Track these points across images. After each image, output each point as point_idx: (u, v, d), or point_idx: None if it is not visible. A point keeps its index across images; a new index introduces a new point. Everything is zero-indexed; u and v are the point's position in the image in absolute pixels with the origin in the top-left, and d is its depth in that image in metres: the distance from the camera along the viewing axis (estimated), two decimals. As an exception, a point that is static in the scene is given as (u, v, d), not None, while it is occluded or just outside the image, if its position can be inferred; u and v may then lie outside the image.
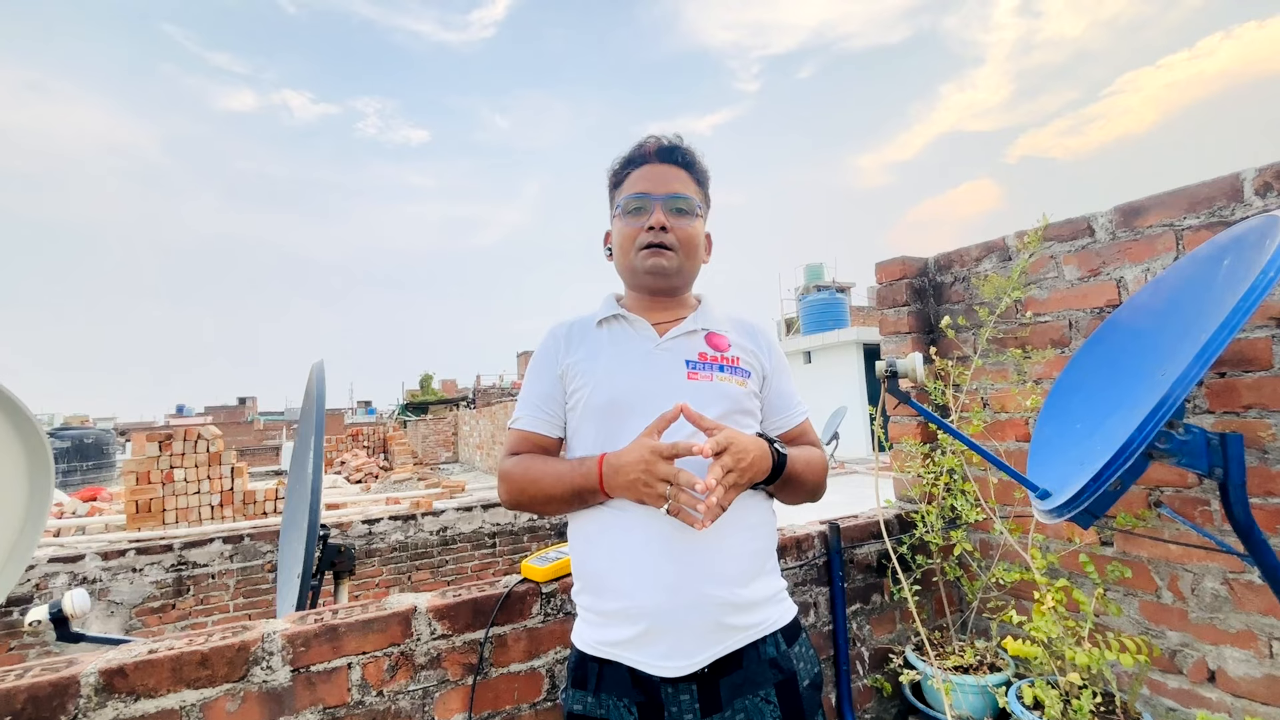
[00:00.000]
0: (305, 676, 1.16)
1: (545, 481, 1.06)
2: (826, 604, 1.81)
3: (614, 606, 1.01)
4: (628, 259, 1.15)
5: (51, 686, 1.01)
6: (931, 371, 2.03)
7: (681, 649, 0.97)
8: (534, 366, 1.18)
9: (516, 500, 1.09)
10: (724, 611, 0.99)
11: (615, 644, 1.00)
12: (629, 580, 1.00)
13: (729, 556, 1.01)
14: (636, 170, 1.16)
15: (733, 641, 0.99)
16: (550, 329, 1.20)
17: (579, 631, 1.08)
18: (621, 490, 0.97)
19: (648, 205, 1.12)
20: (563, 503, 1.05)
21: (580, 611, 1.09)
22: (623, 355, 1.11)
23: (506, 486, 1.10)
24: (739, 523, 1.03)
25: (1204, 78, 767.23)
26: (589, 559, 1.06)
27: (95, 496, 7.86)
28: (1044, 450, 1.51)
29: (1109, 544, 1.68)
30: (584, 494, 1.02)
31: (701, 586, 0.98)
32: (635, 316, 1.16)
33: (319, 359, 1.81)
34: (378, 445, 16.56)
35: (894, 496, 2.19)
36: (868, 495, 1.93)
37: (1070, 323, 1.76)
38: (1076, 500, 1.11)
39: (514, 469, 1.10)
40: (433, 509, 4.84)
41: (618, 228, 1.17)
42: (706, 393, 1.05)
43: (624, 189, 1.16)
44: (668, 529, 0.98)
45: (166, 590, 3.97)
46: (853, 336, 13.78)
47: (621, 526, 1.02)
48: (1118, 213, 1.66)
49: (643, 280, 1.15)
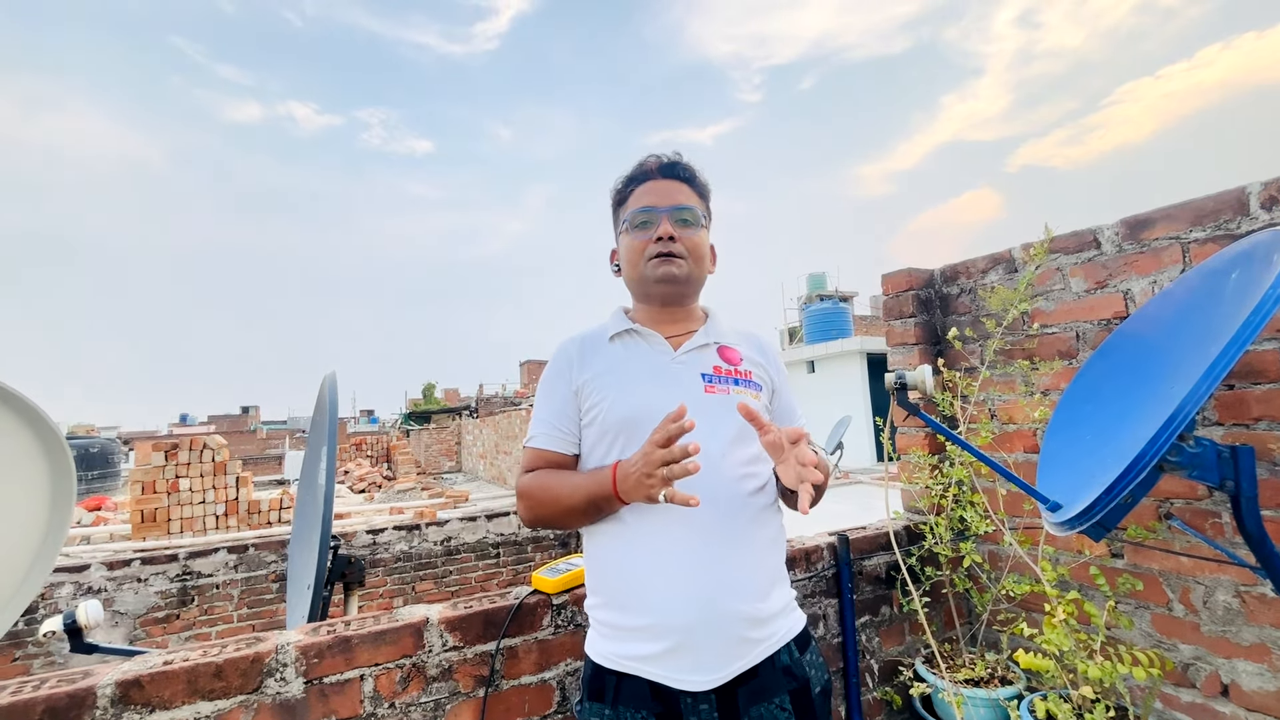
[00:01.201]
0: (318, 688, 1.17)
1: (562, 493, 1.05)
2: (836, 616, 1.81)
3: (640, 622, 1.01)
4: (638, 270, 1.16)
5: (68, 698, 1.01)
6: (939, 383, 2.03)
7: (707, 664, 0.98)
8: (546, 384, 1.17)
9: (536, 515, 1.09)
10: (747, 626, 1.01)
11: (638, 658, 1.00)
12: (657, 597, 1.00)
13: (750, 571, 1.03)
14: (640, 186, 1.18)
15: (754, 655, 1.01)
16: (561, 345, 1.20)
17: (594, 644, 1.08)
18: (631, 490, 0.95)
19: (654, 218, 1.14)
20: (581, 514, 1.05)
21: (595, 625, 1.09)
22: (639, 370, 1.11)
23: (526, 503, 1.10)
24: (758, 538, 1.05)
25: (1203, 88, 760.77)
26: (612, 575, 1.06)
27: (100, 506, 7.87)
28: (1053, 462, 1.52)
29: (1119, 556, 1.67)
30: (599, 502, 1.02)
31: (728, 602, 1.00)
32: (648, 330, 1.16)
33: (331, 370, 1.83)
34: (381, 454, 16.56)
35: (902, 508, 2.18)
36: (875, 506, 1.93)
37: (1078, 334, 1.77)
38: (1089, 513, 1.11)
39: (531, 485, 1.09)
40: (437, 519, 4.84)
41: (625, 243, 1.18)
42: (724, 406, 1.06)
43: (629, 205, 1.18)
44: (696, 543, 1.00)
45: (171, 600, 3.97)
46: (856, 346, 13.78)
47: (650, 543, 1.02)
48: (1124, 225, 1.67)
49: (654, 290, 1.16)
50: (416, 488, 9.23)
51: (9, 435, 0.76)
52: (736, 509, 1.05)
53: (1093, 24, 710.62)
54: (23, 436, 0.76)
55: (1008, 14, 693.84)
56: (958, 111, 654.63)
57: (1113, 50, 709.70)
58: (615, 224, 1.23)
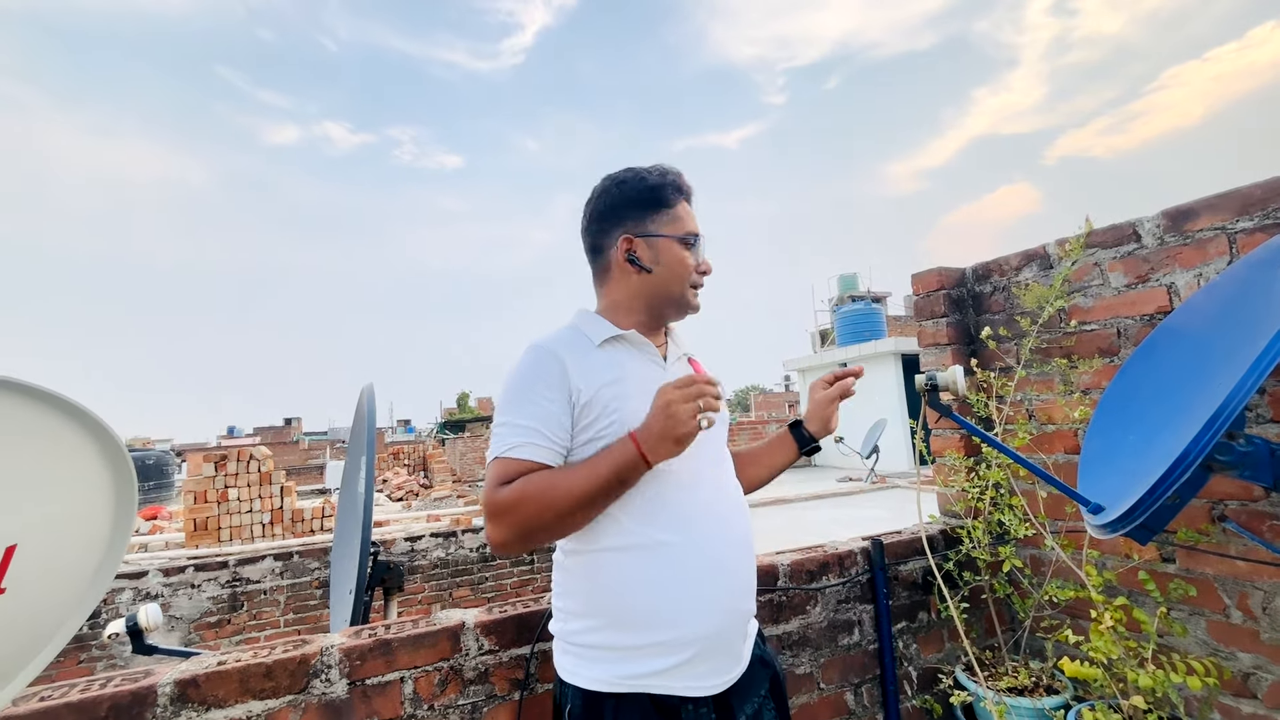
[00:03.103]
0: (361, 689, 1.21)
1: (575, 484, 0.93)
2: (871, 622, 1.78)
3: (657, 638, 0.97)
4: (679, 287, 1.13)
5: (131, 695, 1.07)
6: (973, 383, 1.99)
7: (721, 667, 1.00)
8: (524, 389, 1.01)
9: (530, 526, 0.93)
10: (747, 622, 1.06)
11: (646, 675, 0.97)
12: (679, 609, 0.98)
13: (750, 570, 1.08)
14: (684, 204, 1.16)
15: (747, 650, 1.05)
16: (541, 347, 1.06)
17: (586, 671, 1.01)
18: (659, 438, 0.91)
19: (700, 246, 1.15)
20: (600, 499, 0.95)
21: (583, 650, 1.02)
22: (644, 377, 1.08)
23: (518, 516, 0.93)
24: (750, 537, 1.11)
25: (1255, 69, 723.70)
26: (619, 594, 1.00)
27: (156, 515, 8.25)
28: (1095, 463, 1.47)
29: (1170, 560, 1.61)
30: (624, 474, 0.94)
31: (738, 603, 1.03)
32: (639, 338, 1.13)
33: (368, 382, 1.89)
34: (418, 463, 16.91)
35: (938, 511, 2.14)
36: (910, 510, 1.89)
37: (1119, 331, 1.71)
38: (1131, 515, 1.08)
39: (525, 491, 0.93)
40: (472, 525, 4.92)
41: (676, 253, 1.12)
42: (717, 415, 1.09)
43: (678, 217, 1.13)
44: (715, 550, 1.02)
45: (222, 606, 4.13)
46: (890, 347, 13.49)
47: (666, 555, 1.00)
48: (1165, 217, 1.62)
49: (678, 313, 1.18)
50: (452, 495, 9.40)
51: (77, 449, 0.82)
52: (736, 507, 1.10)
53: (1132, 9, 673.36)
54: (89, 450, 0.82)
55: (1041, 3, 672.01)
56: (990, 105, 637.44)
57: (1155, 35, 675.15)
58: (644, 218, 1.12)
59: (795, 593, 1.69)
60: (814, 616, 1.71)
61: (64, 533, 0.90)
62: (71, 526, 0.92)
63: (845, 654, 1.74)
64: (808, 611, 1.70)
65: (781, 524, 7.24)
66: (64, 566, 0.95)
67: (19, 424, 0.74)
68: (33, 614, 0.90)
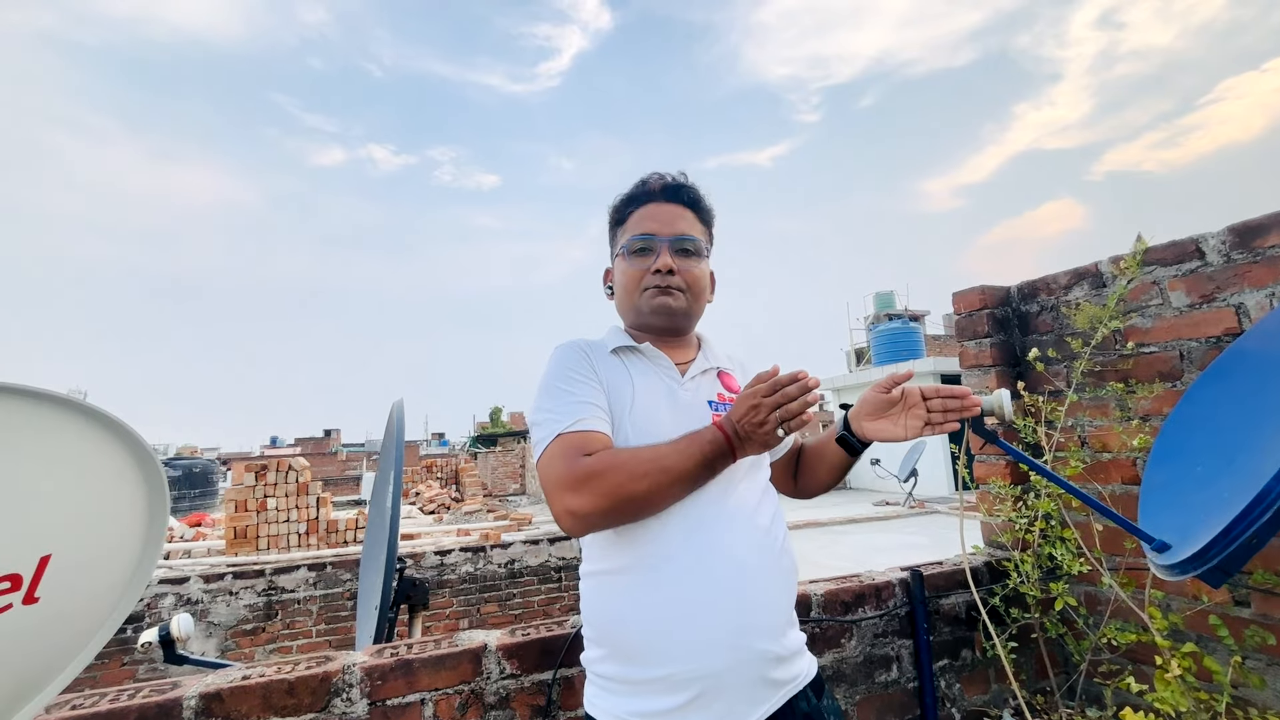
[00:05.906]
0: (382, 710, 1.19)
1: (666, 460, 0.89)
2: (910, 658, 1.68)
3: (658, 673, 0.91)
4: (633, 300, 1.11)
5: (158, 707, 1.08)
6: (1020, 407, 1.89)
7: (734, 711, 0.91)
8: (566, 372, 1.03)
9: (624, 491, 0.88)
10: (770, 666, 0.94)
11: (652, 714, 0.91)
12: (679, 644, 0.90)
13: (773, 607, 0.97)
14: (641, 209, 1.12)
15: (777, 698, 0.94)
16: (570, 343, 1.10)
17: (599, 701, 0.97)
18: (754, 427, 0.86)
19: (654, 246, 1.09)
20: (688, 480, 0.91)
21: (598, 680, 0.98)
22: (651, 389, 1.06)
23: (607, 483, 0.88)
24: (778, 568, 1.00)
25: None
26: (619, 623, 0.96)
27: (200, 522, 8.53)
28: (1158, 495, 1.36)
29: (1245, 604, 1.47)
30: (713, 460, 0.90)
31: (753, 641, 0.93)
32: (655, 350, 1.10)
33: (399, 397, 1.91)
34: (450, 477, 17.13)
35: (982, 542, 2.03)
36: (950, 538, 1.80)
37: (1182, 354, 1.60)
38: (1205, 556, 0.99)
39: (614, 458, 0.90)
40: (501, 541, 4.92)
41: (622, 268, 1.12)
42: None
43: (628, 228, 1.12)
44: (724, 581, 0.93)
45: (258, 614, 4.22)
46: (929, 367, 13.12)
47: (668, 585, 0.93)
48: (1231, 233, 1.52)
49: (648, 320, 1.12)
50: (483, 510, 9.46)
51: (109, 456, 0.83)
52: (759, 540, 0.99)
53: (1183, 21, 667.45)
54: (118, 455, 0.83)
55: (1086, 16, 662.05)
56: (1033, 120, 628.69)
57: (1208, 46, 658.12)
58: (612, 244, 1.16)
59: (829, 624, 1.61)
60: (849, 651, 1.62)
61: (97, 542, 0.91)
62: (105, 536, 0.93)
63: (883, 692, 1.64)
64: (842, 645, 1.62)
65: (815, 548, 7.04)
66: (97, 576, 0.96)
67: (50, 435, 0.75)
68: (66, 623, 0.91)
